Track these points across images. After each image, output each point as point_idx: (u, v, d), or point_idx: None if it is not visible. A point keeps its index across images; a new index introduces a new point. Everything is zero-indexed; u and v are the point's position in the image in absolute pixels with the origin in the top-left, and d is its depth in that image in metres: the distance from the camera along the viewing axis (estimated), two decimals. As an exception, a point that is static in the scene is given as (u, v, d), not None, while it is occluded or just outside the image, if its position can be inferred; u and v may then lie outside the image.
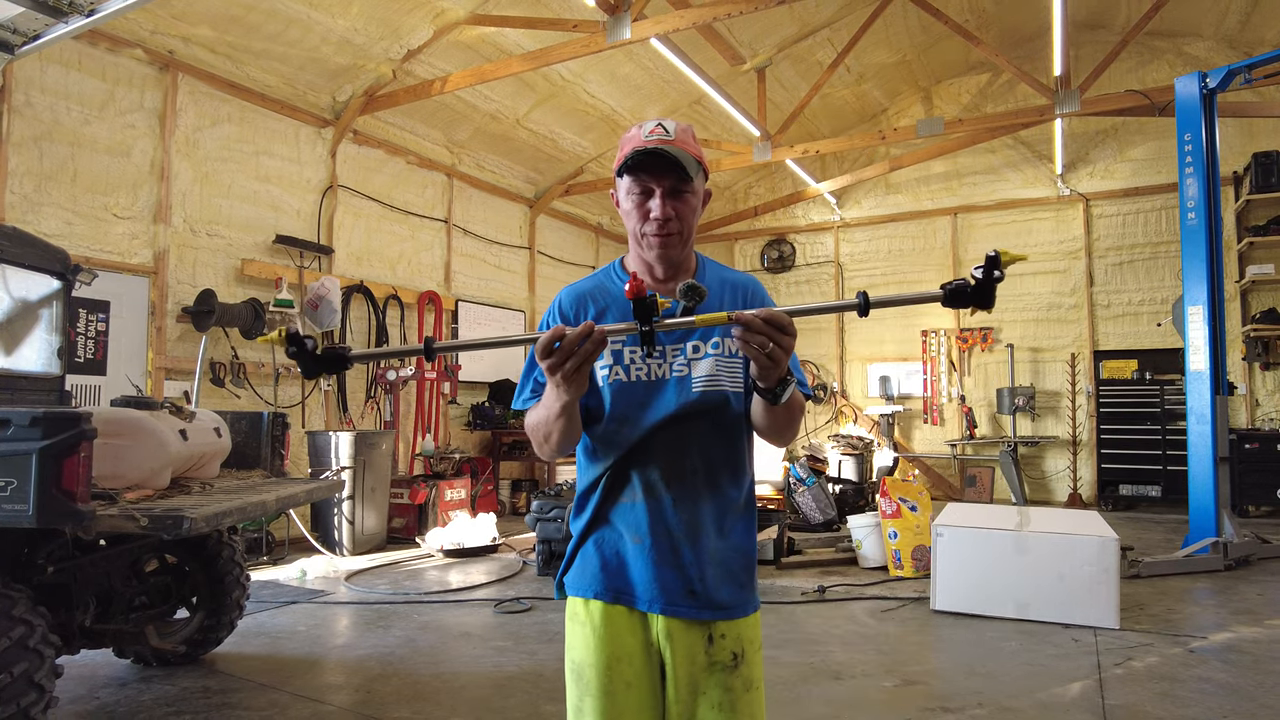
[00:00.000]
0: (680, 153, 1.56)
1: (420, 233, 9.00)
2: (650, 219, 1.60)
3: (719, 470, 1.62)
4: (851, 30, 8.85)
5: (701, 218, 1.73)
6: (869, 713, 3.55)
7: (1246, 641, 4.42)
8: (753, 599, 1.68)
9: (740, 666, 1.60)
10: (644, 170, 1.58)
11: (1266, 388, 9.54)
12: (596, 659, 1.59)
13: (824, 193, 11.54)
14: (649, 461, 1.60)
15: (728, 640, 1.60)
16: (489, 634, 4.69)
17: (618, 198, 1.68)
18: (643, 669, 1.59)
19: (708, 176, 1.70)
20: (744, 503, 1.68)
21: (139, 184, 6.24)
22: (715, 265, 1.78)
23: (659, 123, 1.61)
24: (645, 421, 1.60)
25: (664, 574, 1.58)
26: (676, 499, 1.59)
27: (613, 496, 1.64)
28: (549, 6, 7.37)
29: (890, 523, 6.18)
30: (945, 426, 11.12)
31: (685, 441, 1.60)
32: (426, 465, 8.38)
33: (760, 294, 1.73)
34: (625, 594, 1.60)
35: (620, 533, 1.62)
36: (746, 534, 1.68)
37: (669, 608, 1.57)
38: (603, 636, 1.60)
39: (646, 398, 1.61)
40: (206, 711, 3.49)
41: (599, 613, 1.61)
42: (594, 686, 1.58)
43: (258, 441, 4.33)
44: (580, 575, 1.65)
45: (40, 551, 3.19)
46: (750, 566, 1.69)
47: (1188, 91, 6.81)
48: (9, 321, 3.79)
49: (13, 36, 4.79)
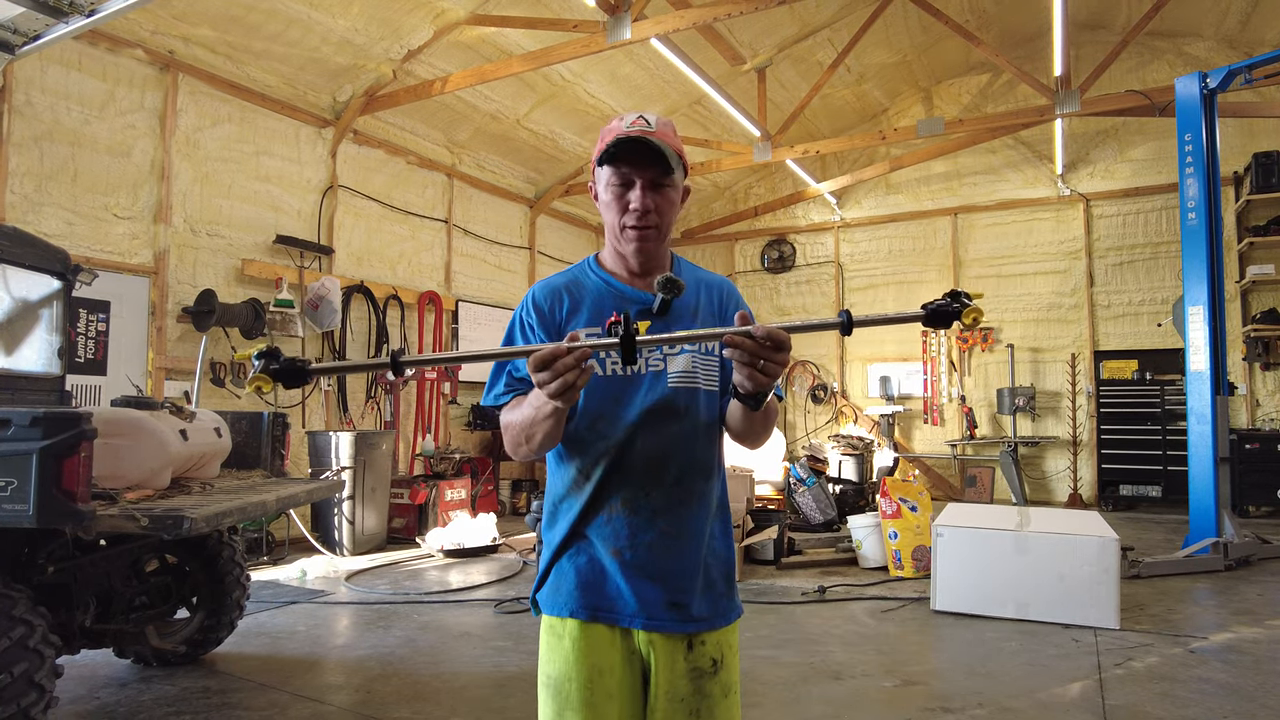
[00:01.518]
0: (662, 144, 1.52)
1: (420, 233, 9.00)
2: (629, 210, 1.56)
3: (696, 475, 1.58)
4: (852, 30, 8.85)
5: (702, 218, 1.72)
6: (869, 713, 3.55)
7: (1247, 642, 4.42)
8: (734, 606, 1.65)
9: (719, 672, 1.58)
10: (625, 161, 1.54)
11: (1267, 388, 9.54)
12: (577, 673, 1.54)
13: (824, 193, 11.53)
14: (626, 468, 1.55)
15: (708, 647, 1.57)
16: (489, 634, 4.69)
17: (595, 190, 1.63)
18: (624, 679, 1.55)
19: (688, 173, 1.66)
20: (718, 506, 1.65)
21: (139, 184, 6.25)
22: (690, 265, 1.75)
23: (640, 115, 1.57)
24: (619, 419, 1.55)
25: (644, 588, 1.53)
26: (656, 509, 1.55)
27: (589, 508, 1.57)
28: (549, 7, 7.38)
29: (890, 523, 6.18)
30: (945, 427, 11.11)
31: (663, 445, 1.55)
32: (427, 465, 8.38)
33: (735, 296, 1.71)
34: (604, 610, 1.55)
35: (597, 547, 1.56)
36: (724, 539, 1.65)
37: (650, 622, 1.53)
38: (583, 650, 1.55)
39: (620, 392, 1.56)
40: (207, 711, 3.49)
41: (577, 629, 1.56)
42: (575, 700, 1.54)
43: (258, 442, 4.33)
44: (555, 593, 1.59)
45: (41, 551, 3.19)
46: (730, 574, 1.65)
47: (1188, 92, 6.81)
48: (10, 321, 3.79)
49: (13, 36, 4.79)
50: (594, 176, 1.64)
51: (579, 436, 1.58)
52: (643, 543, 1.54)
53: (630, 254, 1.60)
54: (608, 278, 1.65)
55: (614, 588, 1.55)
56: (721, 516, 1.65)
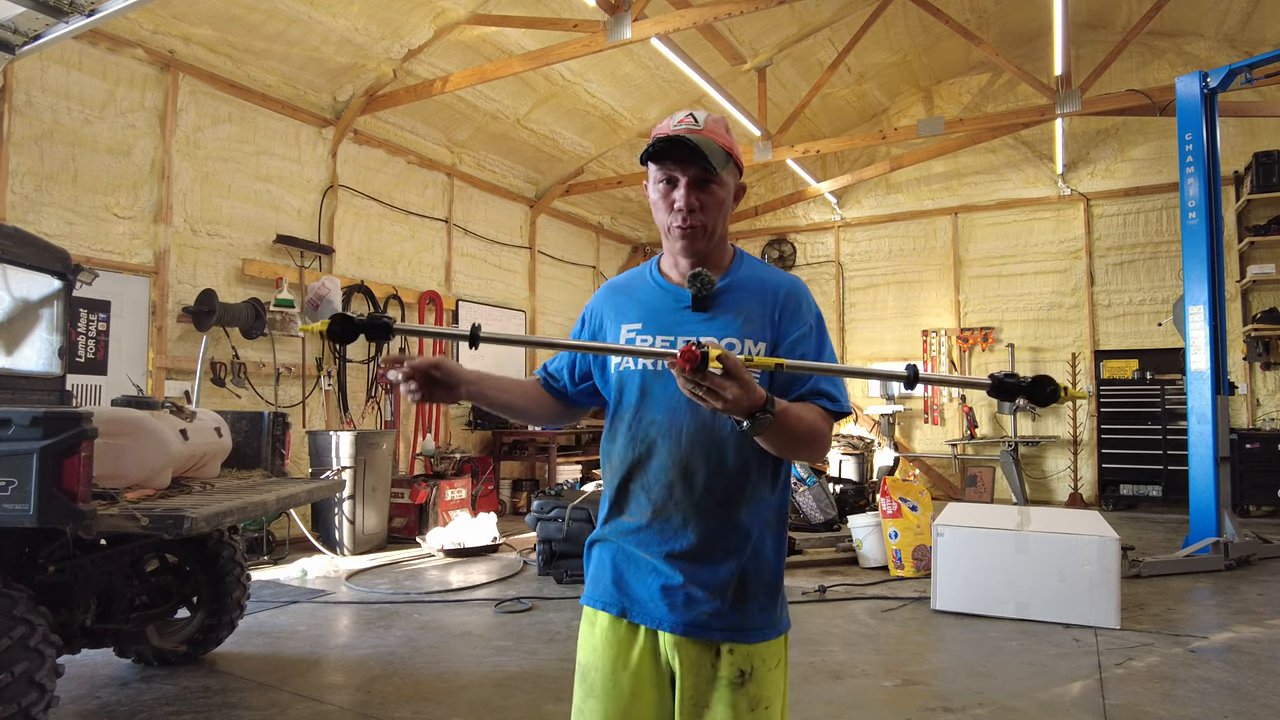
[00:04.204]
0: (706, 142, 1.50)
1: (421, 232, 9.00)
2: (674, 210, 1.55)
3: (728, 483, 1.52)
4: (852, 30, 8.85)
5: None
6: (869, 713, 3.55)
7: (1247, 641, 4.42)
8: (773, 621, 1.57)
9: (747, 685, 1.51)
10: (668, 158, 1.53)
11: (1267, 387, 9.53)
12: (602, 663, 1.56)
13: (824, 192, 11.53)
14: (654, 469, 1.54)
15: (736, 657, 1.52)
16: (489, 634, 4.69)
17: (649, 188, 1.64)
18: (649, 678, 1.54)
19: (741, 170, 1.63)
20: (770, 518, 1.57)
21: (140, 184, 6.25)
22: (754, 263, 1.69)
23: (690, 113, 1.56)
24: (651, 414, 1.55)
25: (671, 593, 1.52)
26: (686, 515, 1.52)
27: (619, 504, 1.59)
28: (549, 6, 7.37)
29: (891, 522, 6.17)
30: (946, 426, 11.11)
31: (691, 450, 1.52)
32: (427, 465, 8.38)
33: (795, 301, 1.60)
34: (632, 611, 1.56)
35: (629, 545, 1.57)
36: (774, 552, 1.58)
37: (676, 627, 1.52)
38: (609, 642, 1.57)
39: (653, 386, 1.56)
40: (207, 711, 3.49)
41: (606, 621, 1.58)
42: (597, 689, 1.56)
43: (258, 441, 4.33)
44: (592, 584, 1.64)
45: (41, 551, 3.19)
46: (774, 588, 1.58)
47: (1188, 91, 6.80)
48: (10, 321, 3.79)
49: (13, 36, 4.79)
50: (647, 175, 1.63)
51: (615, 431, 1.60)
52: (671, 548, 1.52)
53: (677, 253, 1.60)
54: (658, 276, 1.67)
55: (643, 589, 1.55)
56: (775, 529, 1.59)
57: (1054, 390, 1.26)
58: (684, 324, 1.57)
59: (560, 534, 5.88)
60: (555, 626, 4.79)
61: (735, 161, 1.59)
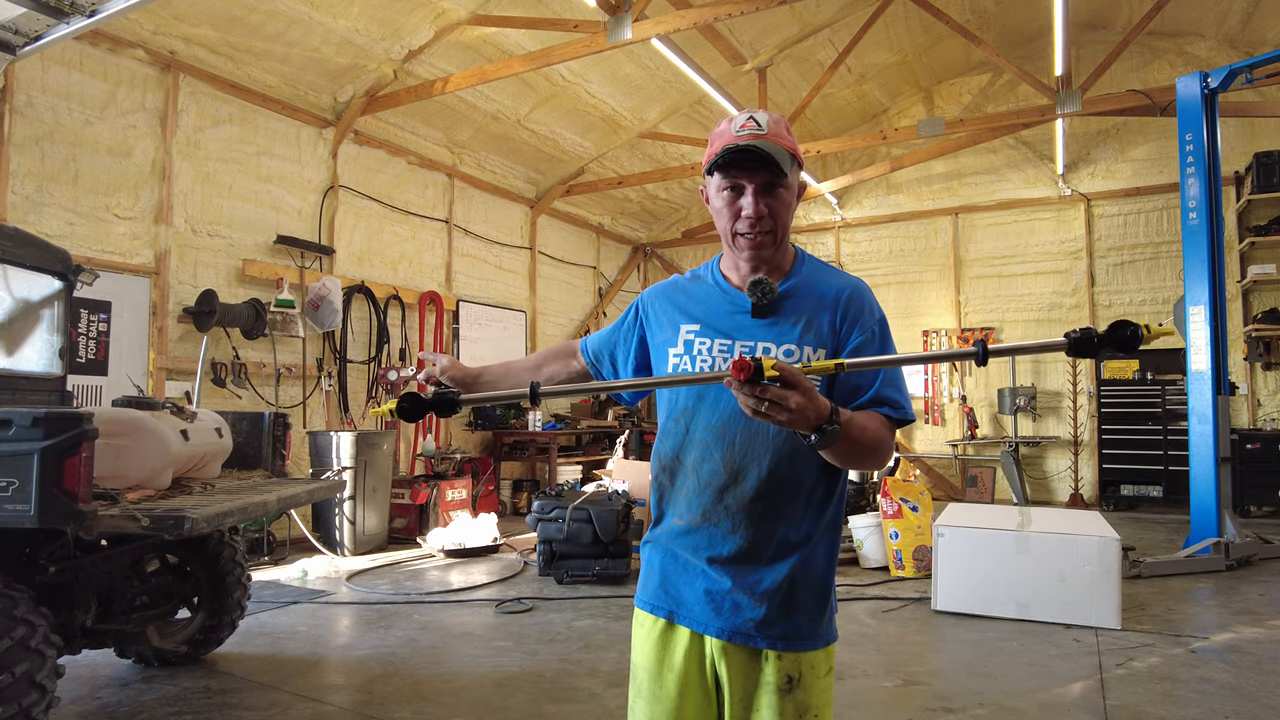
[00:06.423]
0: (774, 147, 1.47)
1: (421, 233, 9.00)
2: (742, 217, 1.52)
3: (778, 490, 1.50)
4: (852, 30, 8.85)
5: (703, 218, 1.74)
6: (870, 713, 3.55)
7: (1248, 642, 4.41)
8: (820, 631, 1.54)
9: (795, 691, 1.49)
10: (736, 166, 1.50)
11: (1268, 388, 9.53)
12: (650, 664, 1.57)
13: (825, 193, 11.52)
14: (704, 474, 1.52)
15: (784, 663, 1.50)
16: (490, 634, 4.69)
17: (707, 195, 1.60)
18: (695, 681, 1.54)
19: (802, 168, 1.61)
20: (823, 526, 1.54)
21: (140, 184, 6.25)
22: (816, 265, 1.65)
23: (750, 115, 1.52)
24: (703, 420, 1.53)
25: (717, 598, 1.51)
26: (736, 521, 1.50)
27: (670, 512, 1.59)
28: (550, 7, 7.38)
29: (891, 523, 6.17)
30: (946, 427, 11.11)
31: (741, 455, 1.50)
32: (428, 465, 8.38)
33: (858, 306, 1.56)
34: (679, 615, 1.55)
35: (676, 548, 1.57)
36: (825, 561, 1.56)
37: (723, 633, 1.51)
38: (657, 644, 1.57)
39: (708, 390, 1.53)
40: (208, 711, 3.49)
41: (654, 624, 1.58)
42: (645, 689, 1.57)
43: (259, 442, 4.33)
44: (642, 586, 1.64)
45: (42, 551, 3.19)
46: (823, 596, 1.55)
47: (1189, 91, 6.80)
48: (11, 322, 3.79)
49: (14, 37, 4.79)
50: (705, 181, 1.61)
51: (668, 432, 1.59)
52: (719, 552, 1.51)
53: (744, 260, 1.57)
54: (719, 278, 1.65)
55: (689, 592, 1.55)
56: (829, 538, 1.56)
57: (1135, 331, 1.17)
58: (743, 329, 1.55)
59: (561, 534, 5.87)
60: (556, 627, 4.79)
61: (798, 160, 1.57)
